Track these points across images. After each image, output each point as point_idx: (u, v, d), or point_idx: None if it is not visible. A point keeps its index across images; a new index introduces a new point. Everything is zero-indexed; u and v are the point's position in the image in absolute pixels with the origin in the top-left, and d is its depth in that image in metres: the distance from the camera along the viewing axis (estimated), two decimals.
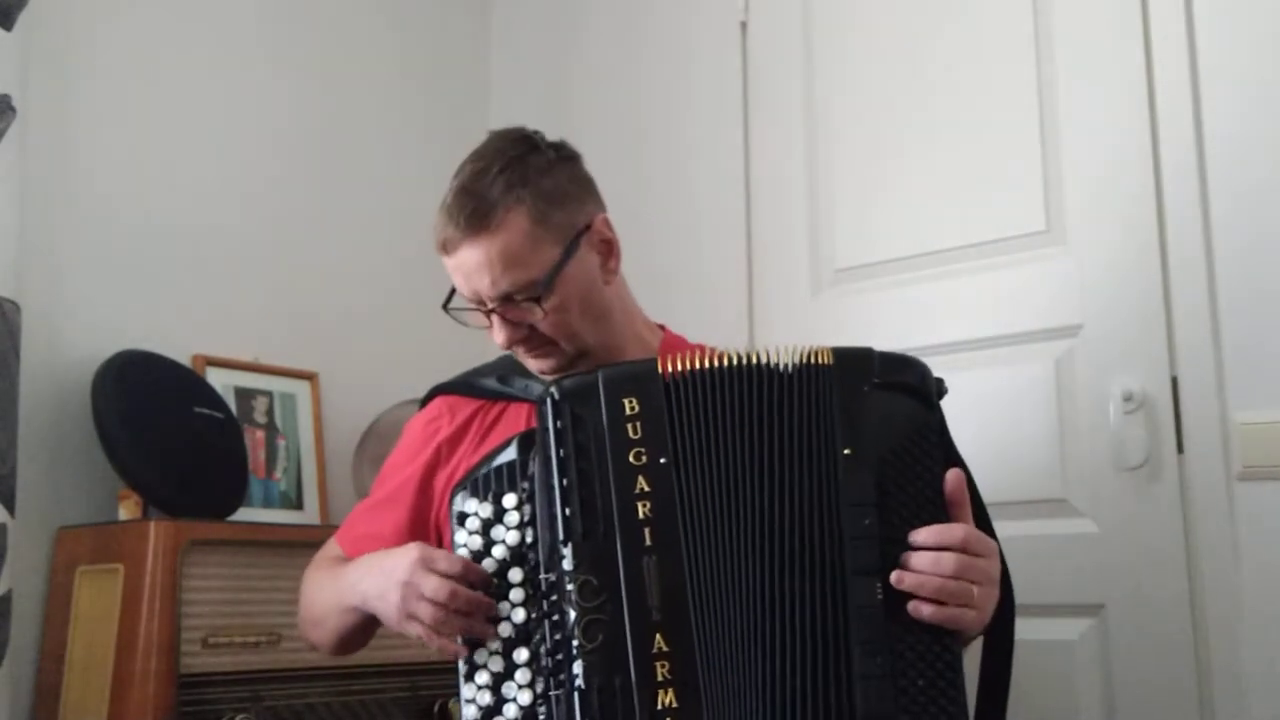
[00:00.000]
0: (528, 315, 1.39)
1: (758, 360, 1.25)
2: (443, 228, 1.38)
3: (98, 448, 2.00)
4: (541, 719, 1.19)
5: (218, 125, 2.37)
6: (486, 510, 1.25)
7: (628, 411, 1.22)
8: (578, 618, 1.16)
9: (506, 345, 1.43)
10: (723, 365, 1.24)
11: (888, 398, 1.24)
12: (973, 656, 1.30)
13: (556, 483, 1.20)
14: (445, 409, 1.53)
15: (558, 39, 2.84)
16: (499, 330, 1.41)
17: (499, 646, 1.22)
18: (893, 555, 1.18)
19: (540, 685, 1.20)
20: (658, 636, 1.16)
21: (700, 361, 1.25)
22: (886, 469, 1.21)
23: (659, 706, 1.15)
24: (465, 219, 1.36)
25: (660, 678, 1.15)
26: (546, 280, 1.37)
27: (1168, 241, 1.92)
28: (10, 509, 1.83)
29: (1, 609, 1.81)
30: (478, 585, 1.23)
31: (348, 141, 2.61)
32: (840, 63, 2.36)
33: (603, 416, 1.22)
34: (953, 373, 1.44)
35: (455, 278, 1.40)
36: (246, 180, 2.41)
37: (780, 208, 2.41)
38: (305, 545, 1.63)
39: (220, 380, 2.25)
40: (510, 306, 1.39)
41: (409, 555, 1.26)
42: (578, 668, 1.16)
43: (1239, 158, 1.86)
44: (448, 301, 1.44)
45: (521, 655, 1.21)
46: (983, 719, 1.33)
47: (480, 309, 1.41)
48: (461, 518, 1.26)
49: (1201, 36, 1.91)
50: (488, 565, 1.24)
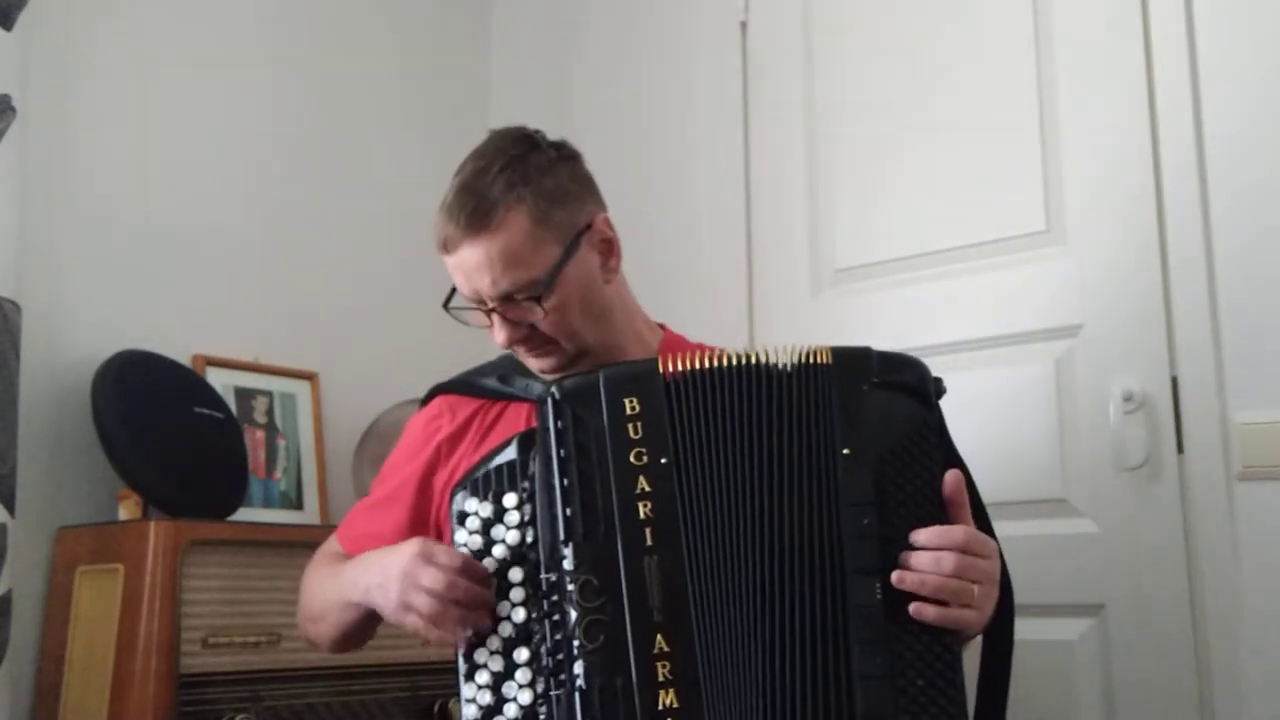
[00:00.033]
0: (528, 314, 1.39)
1: (757, 360, 1.25)
2: (443, 226, 1.38)
3: (98, 448, 2.00)
4: (542, 719, 1.19)
5: (218, 125, 2.37)
6: (487, 510, 1.25)
7: (628, 411, 1.22)
8: (579, 618, 1.16)
9: (507, 344, 1.43)
10: (723, 365, 1.25)
11: (887, 397, 1.24)
12: (972, 656, 1.30)
13: (557, 483, 1.21)
14: (446, 408, 1.53)
15: (558, 39, 2.84)
16: (499, 329, 1.41)
17: (499, 646, 1.22)
18: (892, 555, 1.19)
19: (541, 685, 1.20)
20: (659, 637, 1.16)
21: (700, 361, 1.25)
22: (885, 468, 1.21)
23: (660, 707, 1.15)
24: (466, 218, 1.36)
25: (661, 678, 1.15)
26: (547, 279, 1.37)
27: (1168, 241, 1.92)
28: (10, 509, 1.83)
29: (1, 609, 1.81)
30: (477, 580, 1.23)
31: (348, 141, 2.61)
32: (840, 63, 2.36)
33: (603, 416, 1.22)
34: (953, 373, 1.44)
35: (456, 277, 1.40)
36: (246, 180, 2.41)
37: (780, 208, 2.41)
38: (305, 545, 1.63)
39: (220, 380, 2.25)
40: (511, 306, 1.39)
41: (410, 549, 1.27)
42: (579, 668, 1.16)
43: (1239, 158, 1.86)
44: (448, 301, 1.44)
45: (522, 655, 1.21)
46: (982, 718, 1.33)
47: (481, 308, 1.41)
48: (461, 517, 1.27)
49: (1201, 36, 1.91)
50: (488, 565, 1.24)
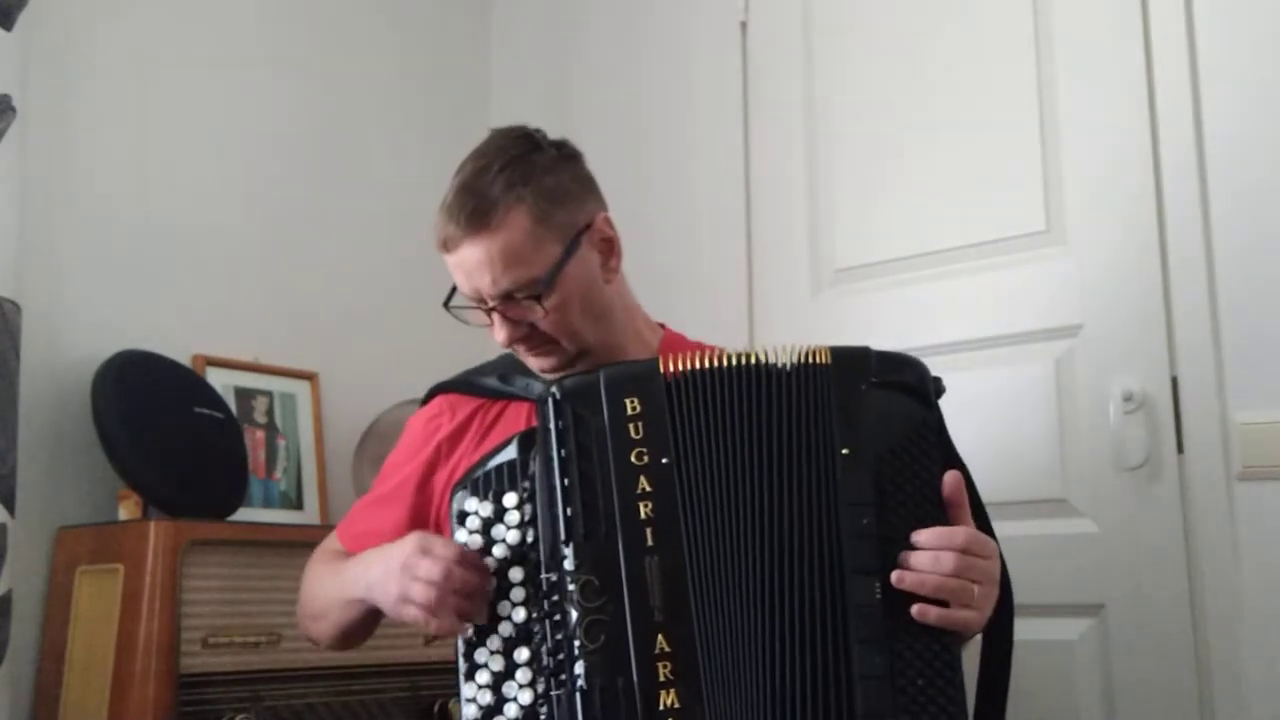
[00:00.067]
0: (528, 313, 1.39)
1: (757, 360, 1.25)
2: (444, 225, 1.38)
3: (98, 448, 2.00)
4: (542, 719, 1.19)
5: (218, 125, 2.37)
6: (487, 509, 1.25)
7: (629, 411, 1.22)
8: (580, 618, 1.16)
9: (507, 343, 1.43)
10: (723, 365, 1.25)
11: (885, 397, 1.24)
12: (972, 656, 1.30)
13: (558, 483, 1.20)
14: (446, 407, 1.53)
15: (558, 39, 2.84)
16: (499, 328, 1.41)
17: (499, 646, 1.22)
18: (891, 554, 1.19)
19: (541, 685, 1.20)
20: (660, 637, 1.16)
21: (700, 361, 1.25)
22: (884, 468, 1.21)
23: (661, 707, 1.15)
24: (466, 217, 1.36)
25: (662, 678, 1.15)
26: (547, 278, 1.37)
27: (1168, 241, 1.92)
28: (10, 509, 1.83)
29: (1, 609, 1.80)
30: (474, 570, 1.23)
31: (348, 141, 2.61)
32: (840, 63, 2.36)
33: (604, 416, 1.22)
34: (953, 373, 1.44)
35: (456, 276, 1.40)
36: (246, 180, 2.41)
37: (780, 208, 2.41)
38: (305, 545, 1.63)
39: (220, 380, 2.25)
40: (511, 305, 1.39)
41: (408, 543, 1.28)
42: (579, 668, 1.16)
43: (1239, 158, 1.86)
44: (448, 300, 1.44)
45: (522, 655, 1.21)
46: (982, 718, 1.33)
47: (481, 307, 1.41)
48: (462, 516, 1.27)
49: (1201, 36, 1.91)
50: (488, 564, 1.24)
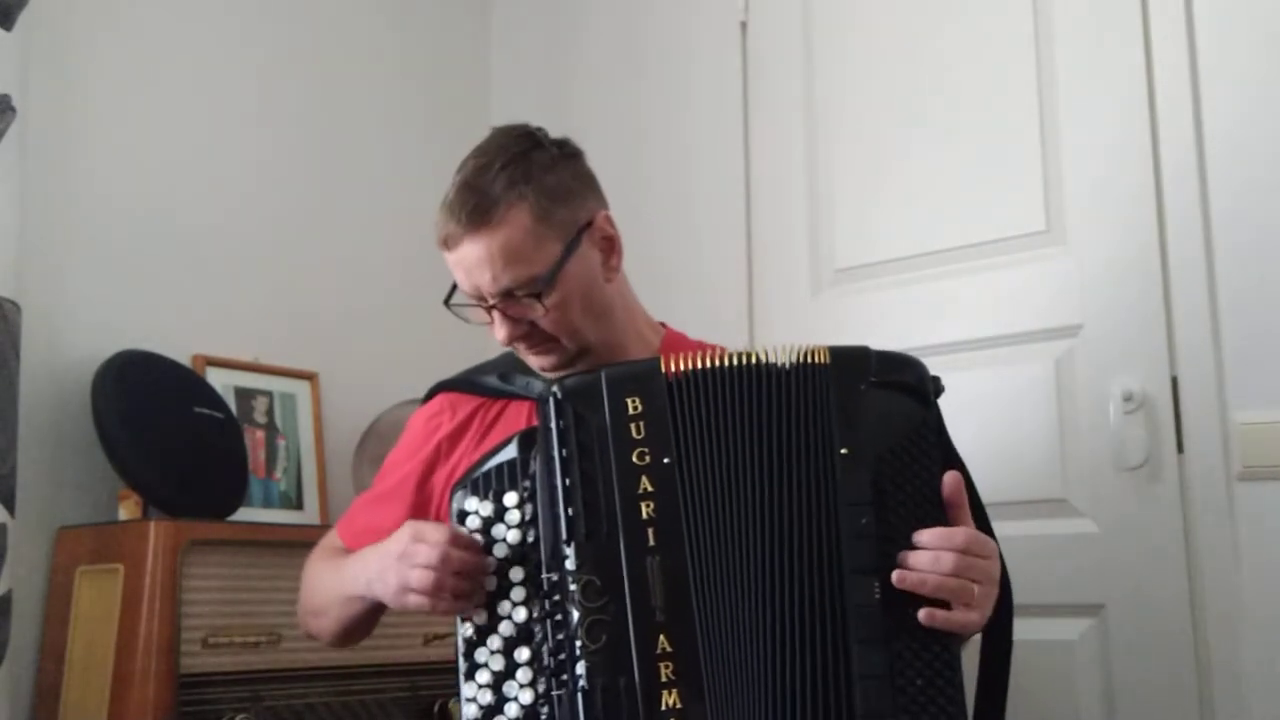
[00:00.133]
0: (529, 311, 1.39)
1: (757, 360, 1.25)
2: (444, 223, 1.38)
3: (98, 448, 2.00)
4: (543, 719, 1.19)
5: (218, 125, 2.37)
6: (487, 509, 1.25)
7: (630, 411, 1.22)
8: (581, 618, 1.16)
9: (507, 341, 1.43)
10: (723, 365, 1.25)
11: (885, 396, 1.24)
12: (971, 655, 1.30)
13: (559, 482, 1.20)
14: (446, 405, 1.54)
15: (558, 39, 2.84)
16: (500, 326, 1.41)
17: (500, 645, 1.22)
18: (891, 554, 1.18)
19: (542, 685, 1.20)
20: (661, 637, 1.16)
21: (701, 361, 1.25)
22: (884, 468, 1.21)
23: (663, 707, 1.14)
24: (467, 214, 1.36)
25: (664, 678, 1.15)
26: (548, 276, 1.37)
27: (1168, 241, 1.92)
28: (10, 509, 1.83)
29: (1, 609, 1.80)
30: (467, 549, 1.23)
31: (348, 141, 2.61)
32: (840, 63, 2.36)
33: (605, 416, 1.22)
34: (953, 373, 1.44)
35: (456, 273, 1.40)
36: (246, 180, 2.41)
37: (780, 208, 2.41)
38: (305, 545, 1.62)
39: (220, 380, 2.25)
40: (511, 302, 1.39)
41: (401, 533, 1.28)
42: (581, 668, 1.16)
43: (1239, 158, 1.86)
44: (449, 297, 1.44)
45: (523, 654, 1.21)
46: (982, 718, 1.33)
47: (481, 305, 1.41)
48: (462, 516, 1.27)
49: (1201, 36, 1.91)
50: (488, 564, 1.24)
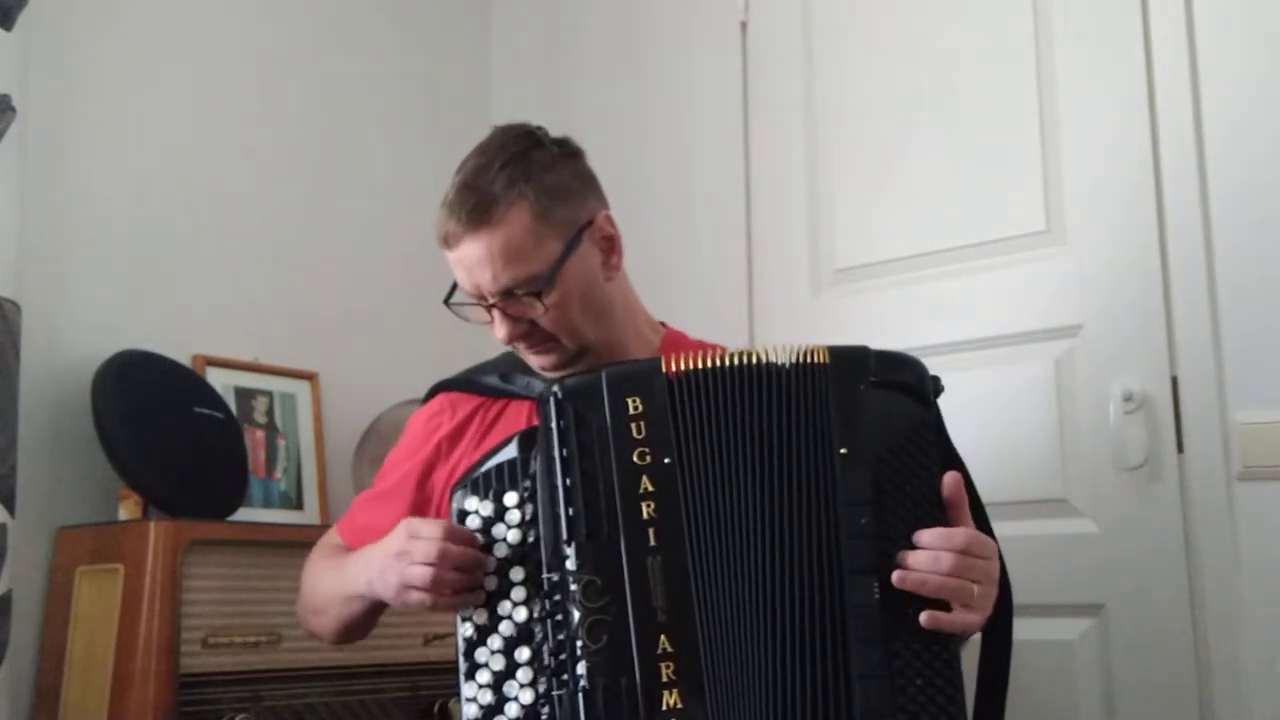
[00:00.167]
0: (529, 310, 1.39)
1: (756, 359, 1.25)
2: (445, 222, 1.38)
3: (98, 448, 2.00)
4: (544, 719, 1.19)
5: (217, 125, 2.37)
6: (487, 508, 1.25)
7: (631, 411, 1.22)
8: (582, 618, 1.16)
9: (507, 340, 1.43)
10: (723, 364, 1.24)
11: (884, 396, 1.24)
12: (971, 655, 1.30)
13: (559, 482, 1.20)
14: (447, 405, 1.54)
15: (558, 39, 2.84)
16: (500, 325, 1.41)
17: (500, 645, 1.22)
18: (890, 554, 1.18)
19: (542, 685, 1.19)
20: (663, 637, 1.16)
21: (701, 361, 1.25)
22: (883, 467, 1.21)
23: (664, 707, 1.14)
24: (467, 213, 1.36)
25: (665, 678, 1.15)
26: (548, 275, 1.37)
27: (1168, 241, 1.92)
28: (10, 509, 1.83)
29: (1, 609, 1.80)
30: (462, 543, 1.23)
31: (348, 141, 2.61)
32: (840, 63, 2.36)
33: (606, 416, 1.21)
34: (953, 373, 1.44)
35: (457, 272, 1.41)
36: (246, 180, 2.41)
37: (780, 208, 2.41)
38: (305, 545, 1.62)
39: (220, 380, 2.24)
40: (511, 301, 1.39)
41: (398, 531, 1.29)
42: (582, 668, 1.16)
43: (1239, 157, 1.86)
44: (449, 296, 1.44)
45: (523, 654, 1.21)
46: (981, 718, 1.33)
47: (481, 304, 1.41)
48: (462, 515, 1.26)
49: (1201, 36, 1.91)
50: (488, 564, 1.24)
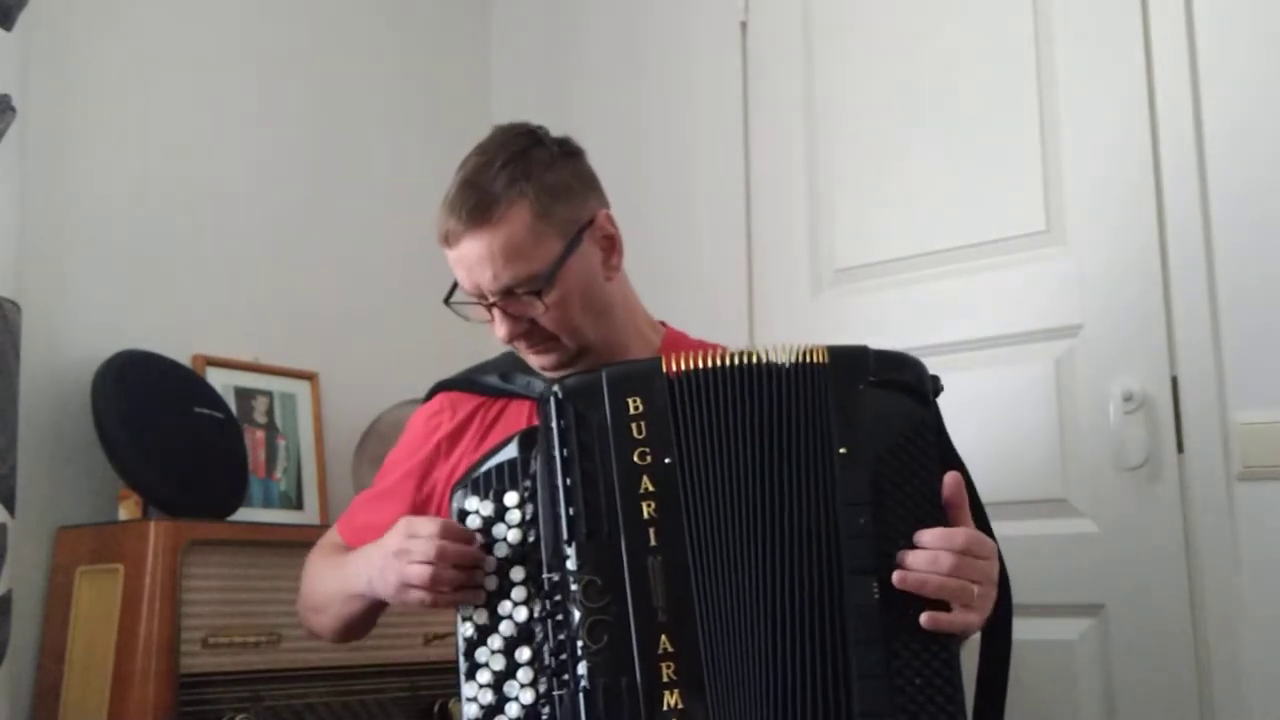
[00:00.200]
0: (529, 309, 1.39)
1: (756, 359, 1.25)
2: (445, 220, 1.38)
3: (98, 448, 2.00)
4: (544, 719, 1.19)
5: (218, 125, 2.37)
6: (488, 508, 1.25)
7: (632, 411, 1.22)
8: (583, 618, 1.16)
9: (507, 339, 1.43)
10: (723, 364, 1.24)
11: (883, 396, 1.24)
12: (971, 655, 1.30)
13: (560, 482, 1.20)
14: (447, 404, 1.54)
15: (558, 39, 2.84)
16: (500, 324, 1.41)
17: (500, 645, 1.22)
18: (889, 554, 1.18)
19: (543, 685, 1.19)
20: (663, 637, 1.16)
21: (701, 360, 1.25)
22: (882, 467, 1.21)
23: (664, 708, 1.14)
24: (468, 212, 1.36)
25: (666, 678, 1.15)
26: (548, 274, 1.37)
27: (1168, 241, 1.92)
28: (10, 509, 1.83)
29: (1, 609, 1.80)
30: (460, 540, 1.23)
31: (348, 141, 2.61)
32: (840, 63, 2.36)
33: (607, 416, 1.21)
34: (953, 373, 1.44)
35: (457, 271, 1.41)
36: (246, 180, 2.41)
37: (780, 208, 2.40)
38: (305, 545, 1.62)
39: (220, 380, 2.24)
40: (511, 300, 1.39)
41: (395, 530, 1.29)
42: (582, 668, 1.15)
43: (1239, 157, 1.86)
44: (449, 296, 1.44)
45: (523, 654, 1.21)
46: (981, 718, 1.33)
47: (482, 303, 1.41)
48: (462, 515, 1.27)
49: (1201, 36, 1.91)
50: (489, 564, 1.24)
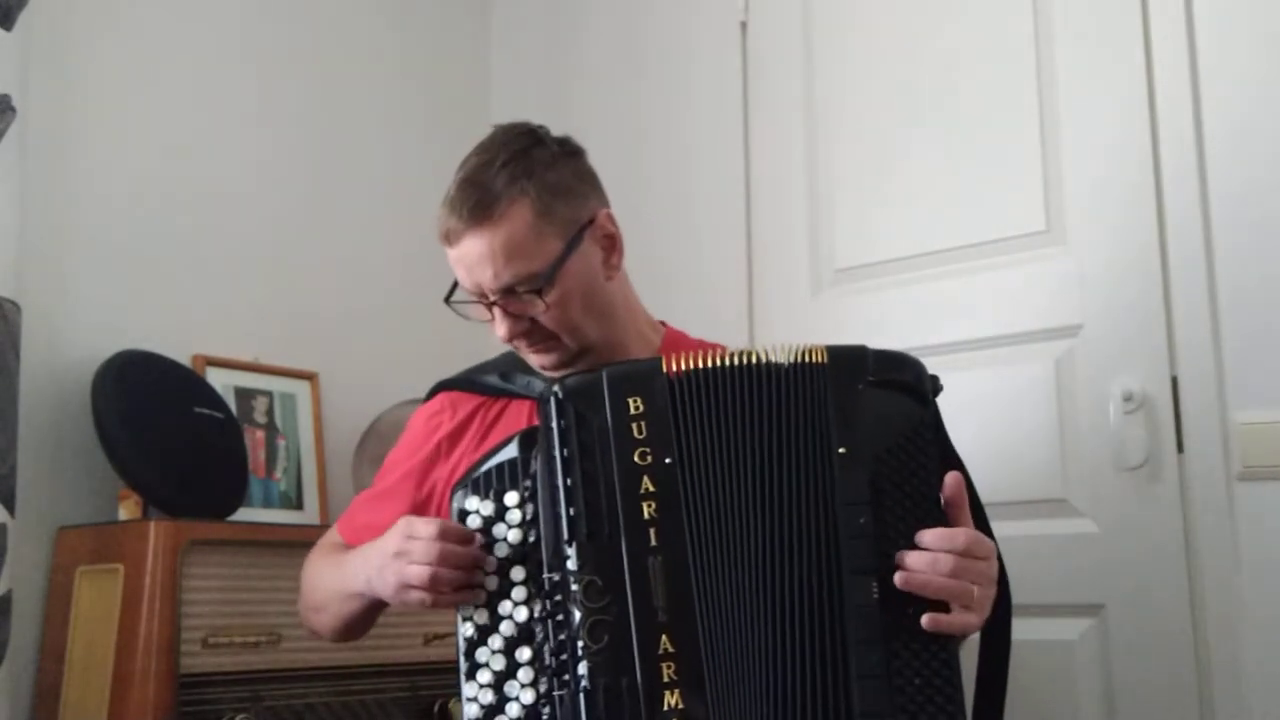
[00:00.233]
0: (529, 308, 1.39)
1: (756, 359, 1.25)
2: (446, 219, 1.38)
3: (98, 448, 2.00)
4: (545, 719, 1.19)
5: (218, 125, 2.37)
6: (488, 508, 1.25)
7: (632, 411, 1.22)
8: (583, 618, 1.16)
9: (508, 338, 1.43)
10: (723, 364, 1.25)
11: (882, 396, 1.24)
12: (970, 654, 1.30)
13: (560, 482, 1.20)
14: (447, 404, 1.54)
15: (558, 39, 2.84)
16: (500, 323, 1.41)
17: (501, 645, 1.22)
18: (889, 554, 1.18)
19: (543, 685, 1.20)
20: (664, 637, 1.16)
21: (701, 360, 1.25)
22: (882, 467, 1.21)
23: (665, 708, 1.14)
24: (469, 210, 1.36)
25: (666, 679, 1.15)
26: (549, 272, 1.37)
27: (1168, 241, 1.92)
28: (10, 509, 1.83)
29: (1, 609, 1.80)
30: (459, 541, 1.24)
31: (348, 141, 2.61)
32: (840, 63, 2.36)
33: (607, 416, 1.21)
34: (953, 373, 1.44)
35: (457, 270, 1.41)
36: (246, 180, 2.41)
37: (780, 208, 2.41)
38: (305, 545, 1.62)
39: (220, 380, 2.24)
40: (512, 299, 1.39)
41: (394, 530, 1.29)
42: (583, 668, 1.16)
43: (1239, 157, 1.86)
44: (449, 295, 1.44)
45: (524, 654, 1.21)
46: (980, 718, 1.33)
47: (482, 301, 1.41)
48: (462, 515, 1.27)
49: (1201, 36, 1.91)
50: (489, 564, 1.24)
